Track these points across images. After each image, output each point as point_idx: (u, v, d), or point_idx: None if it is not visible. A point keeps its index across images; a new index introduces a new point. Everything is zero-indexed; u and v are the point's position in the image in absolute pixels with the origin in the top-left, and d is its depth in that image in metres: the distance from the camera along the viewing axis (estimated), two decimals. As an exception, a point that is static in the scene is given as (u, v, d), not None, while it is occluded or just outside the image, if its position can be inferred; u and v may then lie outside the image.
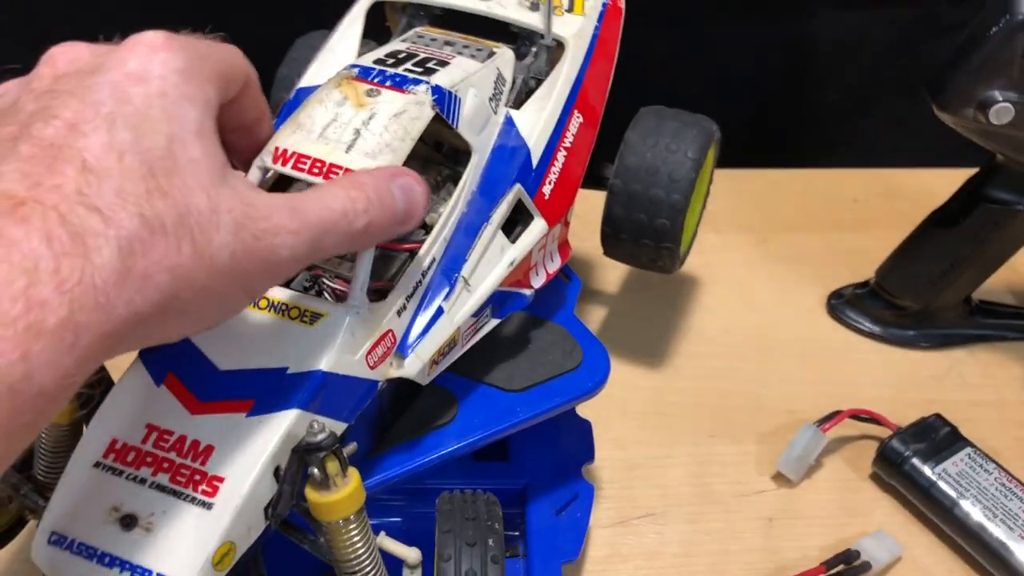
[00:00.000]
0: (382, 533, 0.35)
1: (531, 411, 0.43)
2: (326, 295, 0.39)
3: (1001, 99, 0.47)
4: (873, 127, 0.90)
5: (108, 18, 0.36)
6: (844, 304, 0.62)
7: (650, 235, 0.51)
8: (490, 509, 0.36)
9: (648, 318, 0.61)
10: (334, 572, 0.36)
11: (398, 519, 0.47)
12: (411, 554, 0.36)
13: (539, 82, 0.49)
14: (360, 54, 0.47)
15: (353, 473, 0.33)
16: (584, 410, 0.51)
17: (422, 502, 0.46)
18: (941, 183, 0.59)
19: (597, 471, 0.52)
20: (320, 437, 0.32)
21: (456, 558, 0.33)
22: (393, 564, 0.35)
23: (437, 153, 0.46)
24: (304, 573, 0.39)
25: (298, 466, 0.33)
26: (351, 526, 0.33)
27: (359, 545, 0.33)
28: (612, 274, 0.64)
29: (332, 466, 0.32)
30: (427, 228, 0.42)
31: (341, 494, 0.32)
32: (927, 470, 0.50)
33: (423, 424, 0.42)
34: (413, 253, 0.41)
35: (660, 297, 0.63)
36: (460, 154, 0.43)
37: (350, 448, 0.33)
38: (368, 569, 0.34)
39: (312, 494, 0.32)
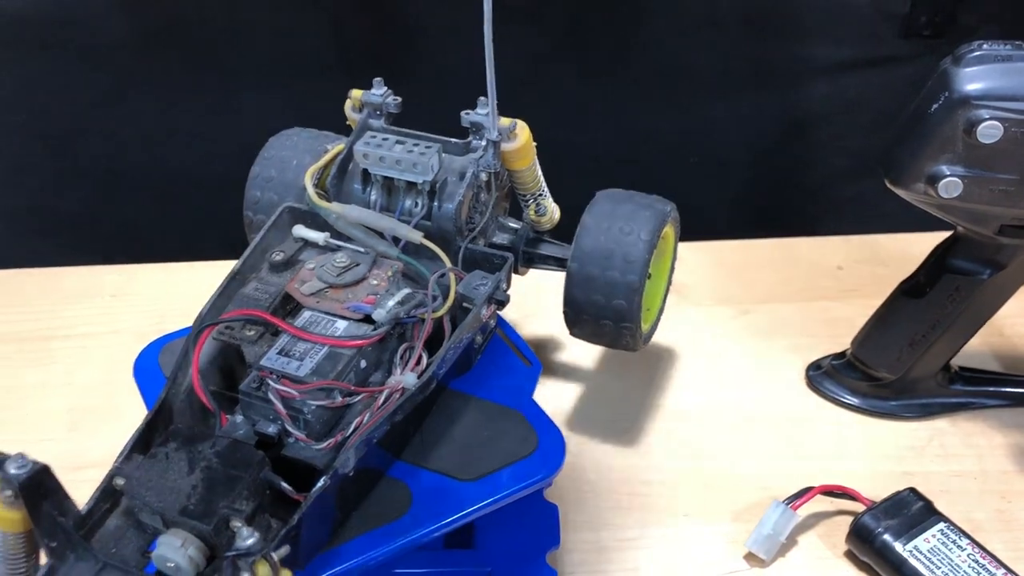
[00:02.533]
0: None
1: (482, 500, 0.43)
2: (271, 395, 0.40)
3: (948, 173, 0.48)
4: (864, 194, 0.90)
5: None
6: (822, 376, 0.62)
7: (609, 315, 0.52)
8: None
9: (623, 396, 0.62)
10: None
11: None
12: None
13: (489, 175, 0.50)
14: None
15: (286, 574, 0.34)
16: (555, 492, 0.52)
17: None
18: (923, 246, 0.58)
19: (567, 554, 0.52)
20: (250, 542, 0.33)
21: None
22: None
23: (393, 247, 0.48)
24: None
25: (232, 571, 0.34)
26: (281, 627, 0.34)
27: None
28: (585, 352, 0.64)
29: (263, 570, 0.33)
30: (373, 323, 0.44)
31: (271, 597, 0.33)
32: (899, 547, 0.49)
33: (377, 517, 0.42)
34: (357, 349, 0.43)
35: (635, 374, 0.63)
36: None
37: (281, 552, 0.34)
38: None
39: (244, 599, 0.33)
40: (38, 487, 0.36)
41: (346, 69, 0.78)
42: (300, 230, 0.49)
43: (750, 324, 0.68)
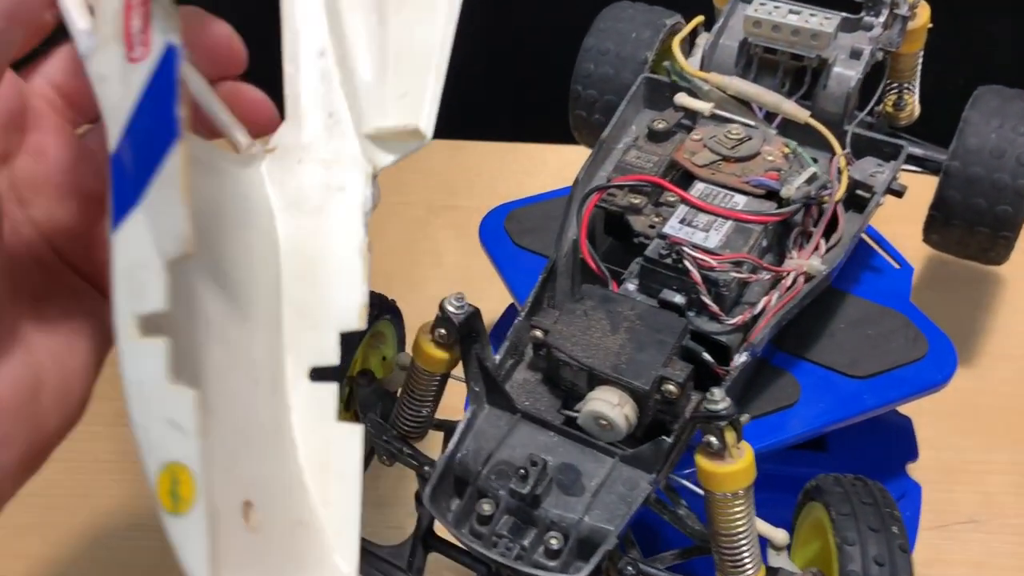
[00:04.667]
0: None
1: (878, 400, 0.41)
2: (687, 264, 0.38)
3: None
4: None
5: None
6: None
7: (988, 222, 0.47)
8: (885, 496, 0.34)
9: (955, 315, 0.57)
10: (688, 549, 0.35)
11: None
12: (778, 535, 0.35)
13: (886, 53, 0.46)
14: None
15: (747, 446, 0.32)
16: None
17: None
18: None
19: (910, 471, 0.49)
20: (722, 406, 0.31)
21: (861, 543, 0.31)
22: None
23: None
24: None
25: (689, 433, 0.33)
26: (739, 500, 0.32)
27: (742, 520, 0.32)
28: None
29: (731, 436, 0.31)
30: (780, 200, 0.41)
31: (737, 465, 0.31)
32: None
33: (767, 403, 0.40)
34: (764, 225, 0.40)
35: (967, 294, 0.59)
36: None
37: (744, 418, 0.32)
38: (744, 546, 0.33)
39: (706, 463, 0.32)
40: (472, 329, 0.35)
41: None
42: (683, 99, 0.46)
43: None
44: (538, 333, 0.37)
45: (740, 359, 0.37)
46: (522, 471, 0.32)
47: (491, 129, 0.71)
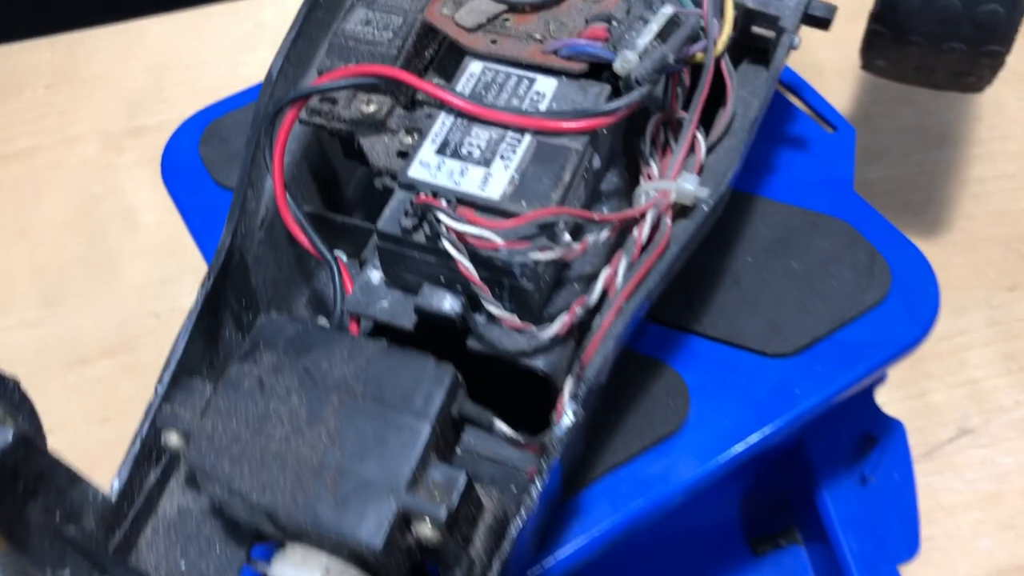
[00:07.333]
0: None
1: (820, 390, 0.25)
2: (447, 247, 0.20)
3: None
4: None
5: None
6: None
7: (964, 34, 0.30)
8: None
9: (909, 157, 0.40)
10: None
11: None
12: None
13: None
14: None
15: None
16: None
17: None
18: None
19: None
20: None
21: None
22: None
23: None
24: None
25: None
26: None
27: None
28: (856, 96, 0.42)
29: None
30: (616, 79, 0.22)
31: None
32: None
33: (634, 435, 0.24)
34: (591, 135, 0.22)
35: (925, 133, 0.41)
36: None
37: None
38: None
39: None
40: (11, 479, 0.17)
41: None
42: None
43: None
44: (173, 440, 0.19)
45: (564, 423, 0.19)
46: None
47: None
